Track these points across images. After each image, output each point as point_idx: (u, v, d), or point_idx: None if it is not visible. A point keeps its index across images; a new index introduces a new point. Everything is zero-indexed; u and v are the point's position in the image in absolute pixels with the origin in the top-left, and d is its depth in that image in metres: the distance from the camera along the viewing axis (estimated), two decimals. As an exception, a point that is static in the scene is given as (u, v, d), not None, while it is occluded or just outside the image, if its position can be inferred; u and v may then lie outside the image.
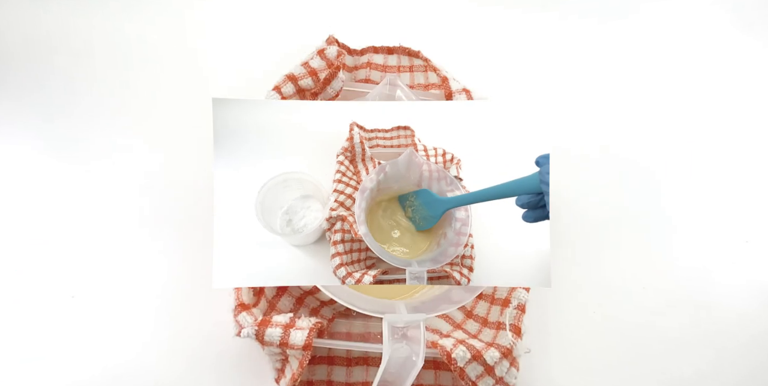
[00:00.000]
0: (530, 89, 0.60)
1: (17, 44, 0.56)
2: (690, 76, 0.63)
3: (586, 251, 0.52)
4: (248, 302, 0.39)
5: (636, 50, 0.64)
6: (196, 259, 0.47)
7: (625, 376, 0.47)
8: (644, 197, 0.55)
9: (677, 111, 0.61)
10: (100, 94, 0.55)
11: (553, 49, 0.63)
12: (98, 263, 0.47)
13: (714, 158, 0.58)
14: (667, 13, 0.67)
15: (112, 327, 0.44)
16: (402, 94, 0.44)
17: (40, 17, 0.58)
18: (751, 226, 0.54)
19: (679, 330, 0.49)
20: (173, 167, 0.52)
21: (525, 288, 0.44)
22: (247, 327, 0.37)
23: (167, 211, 0.49)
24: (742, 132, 0.60)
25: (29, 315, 0.45)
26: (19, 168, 0.51)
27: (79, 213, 0.49)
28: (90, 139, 0.52)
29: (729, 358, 0.48)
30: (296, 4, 0.62)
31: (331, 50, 0.49)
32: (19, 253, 0.47)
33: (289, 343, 0.37)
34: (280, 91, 0.48)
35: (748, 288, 0.51)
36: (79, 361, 0.43)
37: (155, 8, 0.60)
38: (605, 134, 0.58)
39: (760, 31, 0.66)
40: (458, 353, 0.39)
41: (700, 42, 0.65)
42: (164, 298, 0.46)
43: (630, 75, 0.63)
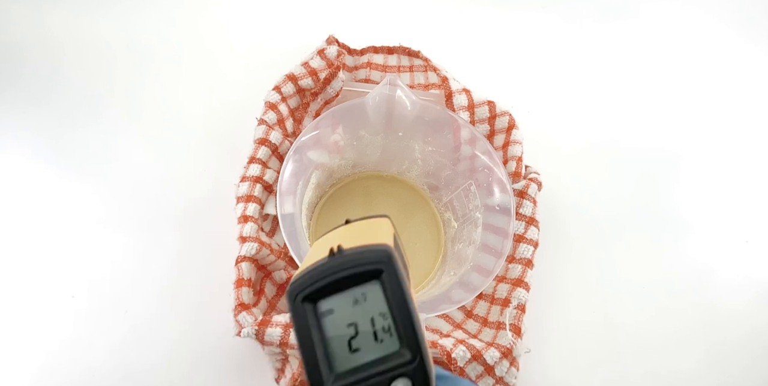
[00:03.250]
0: (530, 89, 0.60)
1: (27, 46, 0.56)
2: (690, 76, 0.63)
3: (586, 251, 0.52)
4: (248, 302, 0.39)
5: (636, 50, 0.64)
6: (196, 259, 0.47)
7: (625, 376, 0.47)
8: (644, 197, 0.55)
9: (677, 111, 0.61)
10: (100, 93, 0.55)
11: (554, 49, 0.63)
12: (98, 263, 0.47)
13: (714, 158, 0.58)
14: (666, 14, 0.67)
15: (112, 327, 0.44)
16: (402, 94, 0.44)
17: (45, 19, 0.58)
18: (751, 226, 0.54)
19: (678, 330, 0.49)
20: (174, 168, 0.52)
21: (525, 288, 0.44)
22: (247, 327, 0.37)
23: (167, 212, 0.49)
24: (742, 132, 0.60)
25: (29, 315, 0.45)
26: (18, 168, 0.51)
27: (79, 213, 0.49)
28: (90, 140, 0.52)
29: (729, 358, 0.48)
30: (296, 4, 0.62)
31: (331, 50, 0.49)
32: (19, 253, 0.47)
33: (289, 343, 0.37)
34: (280, 91, 0.48)
35: (748, 287, 0.51)
36: (79, 361, 0.43)
37: (154, 10, 0.60)
38: (606, 134, 0.58)
39: (759, 33, 0.66)
40: (458, 353, 0.39)
41: (700, 42, 0.65)
42: (164, 298, 0.46)
43: (630, 75, 0.63)
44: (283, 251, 0.44)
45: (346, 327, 0.22)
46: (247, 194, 0.43)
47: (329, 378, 0.21)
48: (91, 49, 0.57)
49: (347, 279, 0.22)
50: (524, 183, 0.46)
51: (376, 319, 0.22)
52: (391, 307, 0.21)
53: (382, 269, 0.22)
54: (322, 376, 0.21)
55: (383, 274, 0.22)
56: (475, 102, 0.48)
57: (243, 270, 0.40)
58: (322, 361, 0.21)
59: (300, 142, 0.42)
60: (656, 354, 0.48)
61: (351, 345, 0.21)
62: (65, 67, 0.56)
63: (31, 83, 0.54)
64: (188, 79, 0.56)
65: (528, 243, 0.45)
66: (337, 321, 0.22)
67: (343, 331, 0.22)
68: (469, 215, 0.46)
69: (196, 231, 0.48)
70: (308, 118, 0.50)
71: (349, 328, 0.22)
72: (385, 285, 0.22)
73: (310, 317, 0.21)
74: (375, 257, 0.22)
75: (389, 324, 0.22)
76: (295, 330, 0.21)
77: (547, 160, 0.52)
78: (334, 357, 0.21)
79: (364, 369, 0.21)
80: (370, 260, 0.22)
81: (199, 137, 0.53)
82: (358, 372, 0.21)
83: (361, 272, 0.22)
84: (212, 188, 0.50)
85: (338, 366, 0.21)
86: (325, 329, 0.22)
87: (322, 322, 0.22)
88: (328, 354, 0.21)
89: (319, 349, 0.21)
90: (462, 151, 0.46)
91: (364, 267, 0.22)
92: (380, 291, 0.22)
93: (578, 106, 0.60)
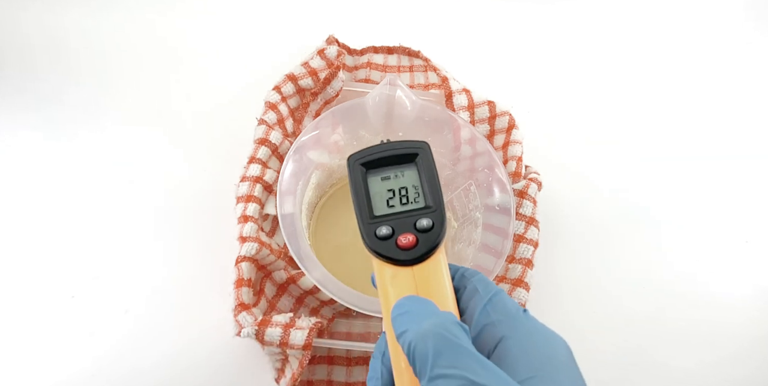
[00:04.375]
0: (530, 89, 0.60)
1: (31, 47, 0.56)
2: (690, 77, 0.63)
3: (587, 250, 0.52)
4: (248, 302, 0.39)
5: (637, 50, 0.64)
6: (196, 259, 0.47)
7: (625, 375, 0.47)
8: (644, 197, 0.55)
9: (678, 112, 0.61)
10: (101, 94, 0.55)
11: (554, 50, 0.63)
12: (98, 263, 0.47)
13: (714, 158, 0.58)
14: (666, 14, 0.67)
15: (112, 327, 0.44)
16: (402, 94, 0.44)
17: (47, 20, 0.58)
18: (751, 226, 0.54)
19: (679, 330, 0.49)
20: (174, 168, 0.52)
21: (525, 288, 0.44)
22: (247, 327, 0.37)
23: (167, 212, 0.49)
24: (742, 132, 0.60)
25: (29, 315, 0.45)
26: (18, 168, 0.51)
27: (79, 213, 0.49)
28: (90, 140, 0.52)
29: (729, 357, 0.48)
30: (296, 4, 0.62)
31: (331, 50, 0.49)
32: (19, 253, 0.47)
33: (289, 343, 0.37)
34: (280, 91, 0.48)
35: (748, 288, 0.51)
36: (79, 361, 0.43)
37: (154, 11, 0.60)
38: (606, 134, 0.58)
39: (763, 33, 0.66)
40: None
41: (701, 44, 0.65)
42: (164, 298, 0.46)
43: (630, 75, 0.63)
44: (283, 251, 0.44)
45: (386, 192, 0.30)
46: (247, 194, 0.43)
47: (371, 214, 0.29)
48: (91, 50, 0.57)
49: (392, 158, 0.30)
50: (524, 183, 0.46)
51: (409, 189, 0.30)
52: (421, 180, 0.30)
53: (418, 153, 0.30)
54: (368, 211, 0.29)
55: (418, 157, 0.30)
56: (475, 102, 0.48)
57: (243, 270, 0.40)
58: (366, 206, 0.29)
59: (300, 142, 0.42)
60: (656, 353, 0.48)
61: (388, 202, 0.29)
62: (69, 68, 0.56)
63: (33, 85, 0.54)
64: (188, 79, 0.56)
65: (528, 243, 0.45)
66: (380, 187, 0.30)
67: (383, 192, 0.30)
68: (469, 215, 0.46)
69: (196, 231, 0.48)
70: (308, 118, 0.49)
71: (388, 192, 0.30)
72: (419, 165, 0.30)
73: (362, 178, 0.30)
74: (414, 144, 0.31)
75: (419, 192, 0.30)
76: (352, 183, 0.30)
77: (547, 160, 0.52)
78: (375, 206, 0.29)
79: (398, 213, 0.29)
80: (411, 146, 0.30)
81: (199, 137, 0.53)
82: (393, 214, 0.29)
83: (403, 153, 0.30)
84: (212, 188, 0.50)
85: (377, 211, 0.29)
86: (370, 188, 0.30)
87: (368, 183, 0.30)
88: (370, 203, 0.29)
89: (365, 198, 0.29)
90: (462, 151, 0.46)
91: (406, 149, 0.30)
92: (415, 171, 0.30)
93: (578, 106, 0.60)
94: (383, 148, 0.30)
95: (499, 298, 0.26)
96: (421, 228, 0.28)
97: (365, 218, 0.29)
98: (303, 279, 0.42)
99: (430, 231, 0.28)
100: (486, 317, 0.25)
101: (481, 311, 0.25)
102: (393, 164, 0.30)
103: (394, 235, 0.28)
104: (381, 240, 0.28)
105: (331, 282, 0.38)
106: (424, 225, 0.28)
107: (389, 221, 0.28)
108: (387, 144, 0.31)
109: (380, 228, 0.28)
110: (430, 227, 0.28)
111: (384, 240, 0.28)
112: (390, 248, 0.27)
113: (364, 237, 0.28)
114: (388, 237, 0.28)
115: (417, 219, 0.28)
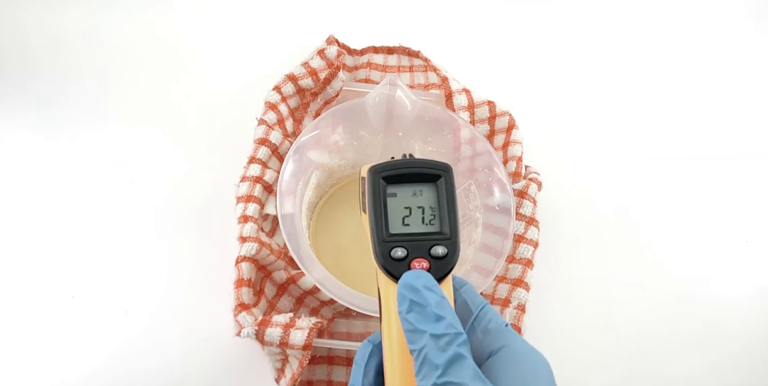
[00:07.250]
0: (530, 89, 0.60)
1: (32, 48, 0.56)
2: (690, 77, 0.63)
3: (587, 250, 0.52)
4: (248, 302, 0.39)
5: (637, 50, 0.64)
6: (196, 259, 0.47)
7: (625, 376, 0.47)
8: (644, 197, 0.55)
9: (678, 112, 0.61)
10: (101, 94, 0.55)
11: (554, 50, 0.63)
12: (98, 263, 0.47)
13: (714, 158, 0.58)
14: (666, 15, 0.67)
15: (112, 328, 0.44)
16: (402, 94, 0.44)
17: (48, 20, 0.58)
18: (751, 226, 0.54)
19: (678, 330, 0.49)
20: (173, 167, 0.52)
21: (525, 288, 0.44)
22: (247, 327, 0.37)
23: (167, 212, 0.49)
24: (742, 132, 0.60)
25: (29, 315, 0.45)
26: (18, 168, 0.51)
27: (79, 213, 0.49)
28: (90, 140, 0.52)
29: (729, 358, 0.48)
30: (296, 4, 0.62)
31: (331, 50, 0.49)
32: (19, 253, 0.47)
33: (289, 343, 0.37)
34: (280, 91, 0.48)
35: (748, 288, 0.51)
36: (79, 361, 0.43)
37: (154, 11, 0.60)
38: (606, 134, 0.58)
39: (764, 33, 0.66)
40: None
41: (701, 45, 0.65)
42: (164, 298, 0.46)
43: (630, 75, 0.63)
44: (283, 251, 0.44)
45: (403, 209, 0.29)
46: (247, 194, 0.43)
47: (387, 232, 0.28)
48: (91, 50, 0.57)
49: (414, 176, 0.30)
50: (524, 183, 0.46)
51: (426, 210, 0.29)
52: (440, 203, 0.29)
53: (441, 175, 0.30)
54: (384, 228, 0.28)
55: (440, 179, 0.30)
56: (475, 102, 0.48)
57: (243, 270, 0.40)
58: (384, 222, 0.29)
59: (300, 142, 0.42)
60: (656, 353, 0.48)
61: (404, 220, 0.29)
62: (69, 68, 0.56)
63: (33, 85, 0.54)
64: (188, 79, 0.56)
65: (528, 243, 0.45)
66: (397, 203, 0.29)
67: (400, 209, 0.29)
68: (469, 215, 0.46)
69: (196, 231, 0.48)
70: (308, 118, 0.49)
71: (405, 210, 0.29)
72: (440, 188, 0.30)
73: (383, 192, 0.29)
74: (439, 166, 0.30)
75: (436, 214, 0.29)
76: (371, 195, 0.29)
77: (547, 160, 0.52)
78: (390, 222, 0.29)
79: (413, 235, 0.28)
80: (435, 166, 0.30)
81: (199, 137, 0.53)
82: (408, 235, 0.28)
83: (426, 173, 0.30)
84: (212, 188, 0.50)
85: (393, 229, 0.29)
86: (387, 203, 0.29)
87: (386, 198, 0.29)
88: (387, 219, 0.29)
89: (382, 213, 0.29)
90: (462, 151, 0.46)
91: (429, 169, 0.30)
92: (434, 191, 0.30)
93: (578, 106, 0.60)
94: (408, 163, 0.30)
95: (485, 312, 0.27)
96: (435, 255, 0.28)
97: (381, 235, 0.28)
98: (303, 280, 0.42)
99: (443, 259, 0.28)
100: (472, 333, 0.26)
101: (469, 328, 0.27)
102: (414, 182, 0.30)
103: (407, 258, 0.28)
104: (394, 261, 0.28)
105: (331, 282, 0.38)
106: (439, 254, 0.28)
107: (404, 243, 0.28)
108: (411, 160, 0.30)
109: (395, 250, 0.28)
110: (445, 255, 0.28)
111: (397, 262, 0.28)
112: (402, 270, 0.27)
113: (377, 254, 0.28)
114: (402, 259, 0.28)
115: (432, 246, 0.28)
